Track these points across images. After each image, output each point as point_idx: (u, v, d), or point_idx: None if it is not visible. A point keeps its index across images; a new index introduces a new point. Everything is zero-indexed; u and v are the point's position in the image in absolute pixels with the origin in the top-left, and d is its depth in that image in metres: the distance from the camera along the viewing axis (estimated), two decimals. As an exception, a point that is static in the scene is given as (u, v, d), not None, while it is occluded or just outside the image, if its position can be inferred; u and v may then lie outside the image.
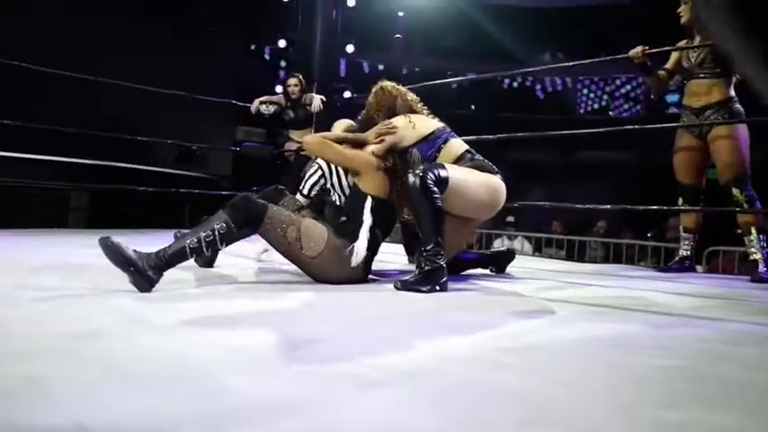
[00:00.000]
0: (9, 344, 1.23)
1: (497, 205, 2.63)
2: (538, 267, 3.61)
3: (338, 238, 2.34)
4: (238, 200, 2.22)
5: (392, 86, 2.79)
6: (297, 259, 2.34)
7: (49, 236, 3.96)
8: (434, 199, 2.28)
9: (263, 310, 1.78)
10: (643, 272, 3.75)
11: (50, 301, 1.68)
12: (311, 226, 2.33)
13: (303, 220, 2.35)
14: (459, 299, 2.16)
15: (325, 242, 2.30)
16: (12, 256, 2.82)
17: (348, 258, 2.32)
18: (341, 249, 2.32)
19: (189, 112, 7.74)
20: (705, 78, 3.41)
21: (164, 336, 1.36)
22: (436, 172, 2.33)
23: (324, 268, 2.33)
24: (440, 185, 2.31)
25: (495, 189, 2.56)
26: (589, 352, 1.40)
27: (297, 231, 2.28)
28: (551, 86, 14.18)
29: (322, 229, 2.34)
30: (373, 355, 1.26)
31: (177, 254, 2.03)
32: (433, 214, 2.29)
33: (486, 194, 2.53)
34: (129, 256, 1.91)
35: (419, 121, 2.65)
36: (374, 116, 2.72)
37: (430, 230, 2.29)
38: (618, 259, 6.07)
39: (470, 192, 2.45)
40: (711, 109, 3.40)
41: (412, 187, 2.29)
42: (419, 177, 2.28)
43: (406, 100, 2.74)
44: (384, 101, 2.73)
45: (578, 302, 2.14)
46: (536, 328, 1.65)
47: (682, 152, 3.56)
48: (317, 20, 7.99)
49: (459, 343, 1.42)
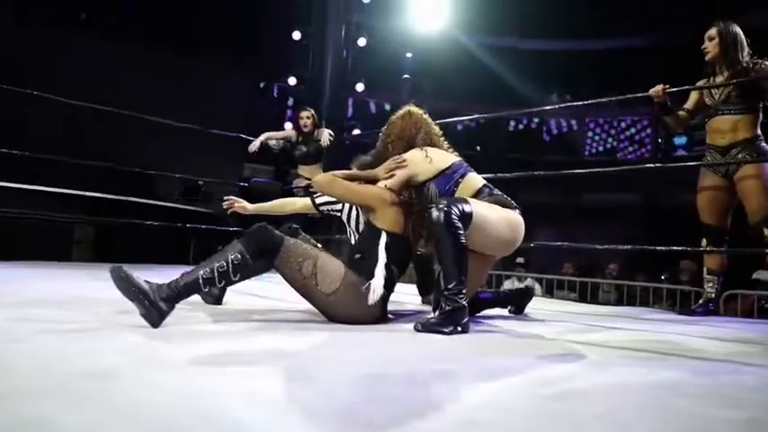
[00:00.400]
0: (12, 381, 1.13)
1: (517, 242, 2.52)
2: (554, 309, 3.49)
3: (354, 273, 2.23)
4: (254, 230, 2.13)
5: (420, 114, 2.69)
6: (311, 295, 2.22)
7: (52, 268, 3.87)
8: (459, 235, 2.18)
9: (278, 349, 1.68)
10: (666, 315, 3.63)
11: (56, 336, 1.59)
12: (328, 261, 2.23)
13: (320, 254, 2.24)
14: (486, 341, 2.05)
15: (342, 279, 2.20)
16: (15, 287, 2.72)
17: (365, 296, 2.21)
18: (357, 287, 2.21)
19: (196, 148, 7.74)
20: (730, 115, 3.32)
21: (178, 376, 1.26)
22: (460, 207, 2.23)
23: (339, 306, 2.21)
24: (464, 221, 2.21)
25: (517, 225, 2.47)
26: (641, 400, 1.29)
27: (313, 266, 2.17)
28: (557, 128, 14.24)
29: (339, 265, 2.24)
30: (411, 406, 1.15)
31: (190, 285, 1.95)
32: (457, 251, 2.19)
33: (508, 230, 2.43)
34: (142, 286, 1.82)
35: (436, 155, 2.55)
36: (389, 147, 2.62)
37: (453, 268, 2.18)
38: (631, 302, 5.93)
39: (493, 227, 2.36)
40: (737, 147, 3.30)
41: (435, 222, 2.18)
42: (443, 212, 2.17)
43: (429, 132, 2.64)
44: (407, 128, 2.63)
45: (609, 346, 2.02)
46: (575, 374, 1.54)
47: (706, 192, 3.44)
48: (328, 58, 8.07)
49: (502, 391, 1.31)
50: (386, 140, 2.66)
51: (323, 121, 6.15)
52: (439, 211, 2.19)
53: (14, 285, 2.82)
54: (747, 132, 3.29)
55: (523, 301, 3.01)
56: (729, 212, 3.46)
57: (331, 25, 8.24)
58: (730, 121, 3.33)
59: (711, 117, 3.43)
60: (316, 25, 8.26)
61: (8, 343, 1.47)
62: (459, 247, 2.19)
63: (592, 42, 12.91)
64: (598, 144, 13.88)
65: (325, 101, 7.97)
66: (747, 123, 3.30)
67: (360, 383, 1.31)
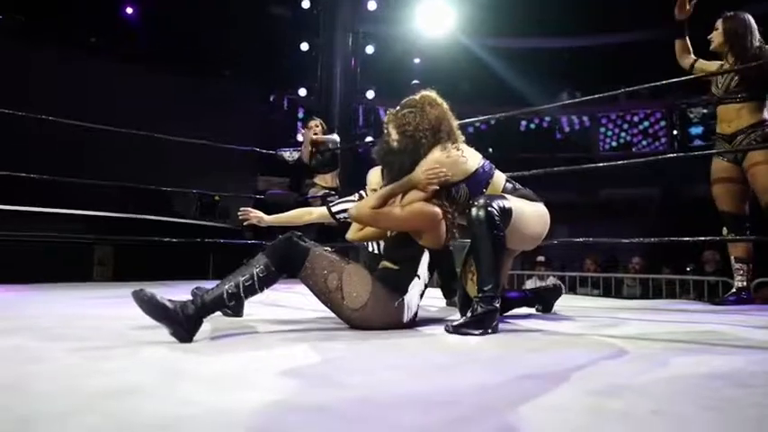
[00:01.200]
0: (35, 404, 1.09)
1: (544, 234, 2.45)
2: (582, 305, 3.40)
3: (384, 287, 2.11)
4: (280, 241, 2.05)
5: (443, 104, 2.38)
6: (337, 309, 2.12)
7: (74, 290, 3.85)
8: (499, 236, 2.11)
9: (308, 358, 1.62)
10: (698, 305, 3.53)
11: (80, 356, 1.54)
12: (354, 274, 2.10)
13: (346, 266, 2.11)
14: (522, 340, 1.99)
15: (369, 293, 2.08)
16: (37, 310, 2.69)
17: (397, 311, 2.13)
18: (387, 301, 2.11)
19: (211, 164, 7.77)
20: (733, 103, 3.30)
21: (210, 390, 1.21)
22: (500, 204, 2.14)
23: (366, 320, 2.11)
24: (504, 218, 2.14)
25: (546, 217, 2.41)
26: (698, 392, 1.22)
27: (338, 279, 2.06)
28: (569, 126, 14.12)
29: (366, 279, 2.11)
30: (459, 408, 1.10)
31: (215, 300, 1.89)
32: (496, 253, 2.12)
33: (540, 224, 2.37)
34: (166, 306, 1.77)
35: (468, 153, 2.34)
36: (421, 139, 2.28)
37: (490, 270, 2.11)
38: (657, 295, 5.82)
39: (528, 224, 2.29)
40: (742, 134, 3.27)
41: (476, 221, 2.10)
42: (484, 210, 2.09)
43: (451, 124, 2.37)
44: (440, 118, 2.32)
45: (649, 338, 1.95)
46: (622, 368, 1.47)
47: (719, 181, 3.40)
48: (337, 68, 8.06)
49: (550, 388, 1.25)
50: (415, 130, 2.30)
51: (334, 130, 6.13)
52: (479, 209, 2.11)
53: (37, 307, 2.79)
54: (752, 118, 3.25)
55: (552, 298, 2.93)
56: (746, 199, 3.38)
57: (339, 35, 8.24)
58: (734, 109, 3.31)
59: (717, 106, 3.42)
60: (323, 36, 8.26)
61: (32, 364, 1.43)
62: (498, 248, 2.13)
63: (598, 38, 12.80)
64: (612, 139, 13.74)
65: (335, 110, 7.95)
66: (752, 110, 3.26)
67: (396, 388, 1.25)
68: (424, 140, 2.28)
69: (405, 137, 2.30)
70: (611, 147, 13.69)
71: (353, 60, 8.31)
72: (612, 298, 5.20)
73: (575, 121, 14.04)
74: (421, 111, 2.32)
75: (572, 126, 14.12)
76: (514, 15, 11.67)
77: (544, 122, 14.15)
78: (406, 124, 2.30)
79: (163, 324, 1.77)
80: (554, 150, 13.23)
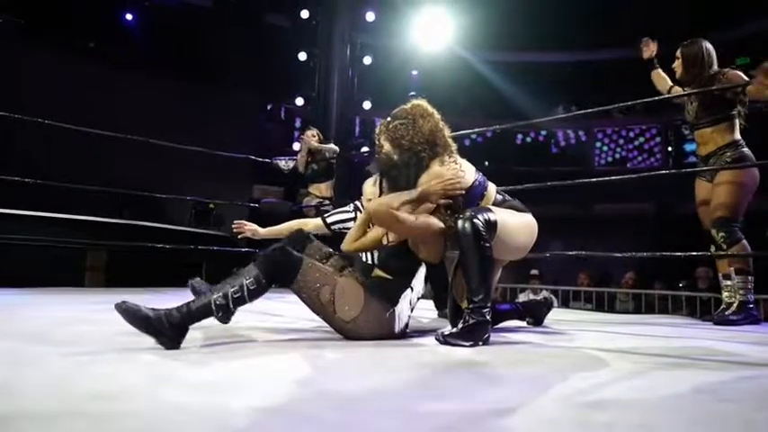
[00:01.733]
0: (21, 404, 1.08)
1: (531, 245, 2.45)
2: (574, 319, 3.41)
3: (376, 298, 2.11)
4: (272, 252, 2.02)
5: (432, 111, 2.35)
6: (329, 320, 2.11)
7: (65, 294, 3.84)
8: (486, 247, 2.11)
9: (296, 367, 1.62)
10: (691, 321, 3.54)
11: (68, 360, 1.54)
12: (346, 287, 2.09)
13: (338, 279, 2.11)
14: (512, 352, 1.99)
15: (362, 306, 2.07)
16: (28, 313, 2.69)
17: (388, 322, 2.12)
18: (379, 312, 2.11)
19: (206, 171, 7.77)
20: (704, 128, 3.39)
21: (198, 395, 1.21)
22: (485, 216, 2.15)
23: (358, 331, 2.10)
24: (489, 230, 2.14)
25: (533, 229, 2.41)
26: (684, 406, 1.22)
27: (331, 293, 2.05)
28: (564, 140, 14.19)
29: (358, 291, 2.10)
30: (447, 419, 1.10)
31: (201, 310, 1.85)
32: (484, 264, 2.12)
33: (527, 235, 2.38)
34: (148, 315, 1.76)
35: (465, 167, 2.33)
36: (420, 153, 2.26)
37: (480, 281, 2.11)
38: (650, 311, 5.83)
39: (514, 234, 2.29)
40: (714, 156, 3.36)
41: (462, 234, 2.10)
42: (470, 222, 2.09)
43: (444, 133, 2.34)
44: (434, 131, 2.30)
45: (640, 353, 1.95)
46: (611, 382, 1.47)
47: (701, 201, 3.49)
48: (334, 78, 8.09)
49: (538, 401, 1.25)
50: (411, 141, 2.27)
51: (330, 140, 6.15)
52: (465, 221, 2.11)
53: (27, 311, 2.78)
54: (722, 140, 3.33)
55: (543, 311, 2.94)
56: None
57: (336, 45, 8.28)
58: (705, 134, 3.40)
59: (693, 130, 3.51)
60: (321, 46, 8.30)
61: (20, 367, 1.42)
62: (486, 259, 2.12)
63: (595, 53, 12.90)
64: (607, 154, 13.81)
65: (332, 120, 7.98)
66: (721, 133, 3.34)
67: (385, 399, 1.25)
68: (424, 154, 2.26)
69: (402, 150, 2.28)
70: (606, 162, 13.76)
71: (351, 71, 8.34)
72: (605, 312, 5.21)
73: (570, 135, 14.11)
74: (413, 123, 2.29)
75: (568, 140, 14.18)
76: (512, 29, 11.76)
77: (540, 136, 14.21)
78: (400, 137, 2.28)
79: (147, 334, 1.76)
80: (549, 164, 13.28)
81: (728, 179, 3.25)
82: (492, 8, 10.88)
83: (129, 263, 5.25)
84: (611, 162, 13.67)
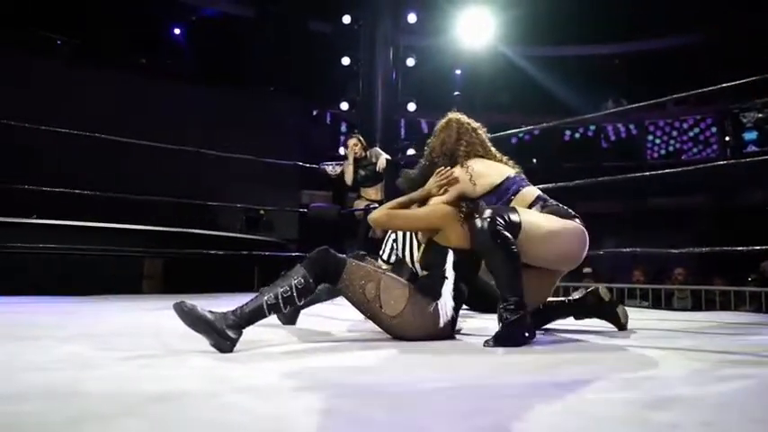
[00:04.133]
0: (86, 406, 1.13)
1: (579, 254, 2.29)
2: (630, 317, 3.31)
3: (420, 294, 2.15)
4: (316, 253, 2.09)
5: (457, 123, 2.50)
6: (376, 317, 2.15)
7: (125, 301, 3.98)
8: (508, 244, 2.03)
9: (350, 368, 1.64)
10: (752, 317, 3.39)
11: (130, 363, 1.59)
12: (391, 282, 2.14)
13: (383, 276, 2.16)
14: (566, 351, 1.95)
15: (407, 300, 2.11)
16: (89, 320, 2.80)
17: (433, 316, 2.13)
18: (424, 307, 2.13)
19: (254, 179, 7.93)
20: None
21: (253, 397, 1.23)
22: (506, 216, 2.08)
23: (405, 327, 2.12)
24: (511, 230, 2.06)
25: (576, 236, 2.24)
26: (747, 406, 1.17)
27: (376, 288, 2.10)
28: (615, 135, 13.84)
29: (403, 286, 2.15)
30: (502, 419, 1.09)
31: (255, 312, 1.92)
32: (507, 261, 2.04)
33: (566, 242, 2.22)
34: (206, 317, 1.81)
35: (482, 170, 2.37)
36: (435, 161, 2.46)
37: (507, 279, 2.04)
38: (710, 307, 5.61)
39: (548, 238, 2.16)
40: None
41: (479, 233, 2.05)
42: (487, 222, 2.04)
43: (472, 143, 2.45)
44: (447, 140, 2.46)
45: (703, 350, 1.89)
46: (671, 381, 1.43)
47: None
48: (378, 81, 8.12)
49: (594, 399, 1.23)
50: (430, 154, 2.51)
51: (377, 143, 6.17)
52: (482, 221, 2.05)
53: (89, 317, 2.90)
54: None
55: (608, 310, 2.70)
56: None
57: (379, 49, 8.30)
58: None
59: None
60: (364, 49, 8.34)
61: (85, 370, 1.48)
62: (510, 256, 2.04)
63: (642, 44, 12.57)
64: (660, 147, 13.40)
65: (377, 123, 8.00)
66: None
67: (438, 400, 1.24)
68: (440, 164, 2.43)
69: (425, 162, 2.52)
70: (659, 155, 13.36)
71: (394, 73, 8.35)
72: (662, 310, 5.05)
73: (621, 129, 13.76)
74: (438, 134, 2.52)
75: (618, 134, 13.83)
76: (554, 24, 11.57)
77: (589, 131, 13.91)
78: (426, 153, 2.54)
79: (203, 335, 1.81)
80: (599, 159, 12.98)
81: None
82: (533, 4, 10.74)
83: (184, 270, 5.41)
84: (664, 155, 13.27)
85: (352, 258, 2.25)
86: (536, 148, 13.21)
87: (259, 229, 8.02)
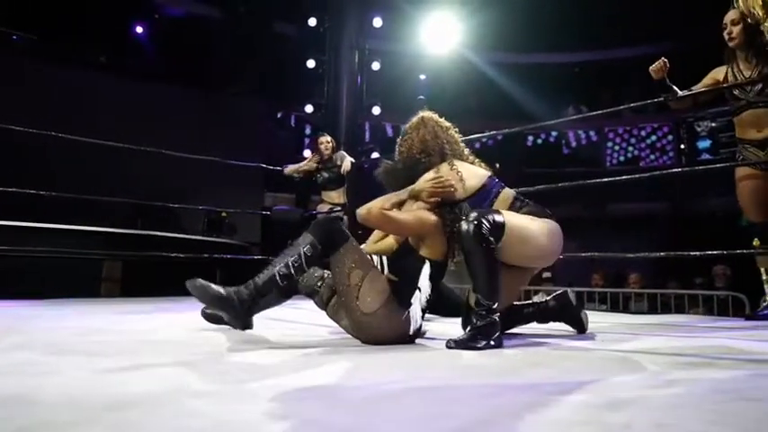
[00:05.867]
0: (39, 414, 1.10)
1: (557, 251, 2.37)
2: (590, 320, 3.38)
3: (396, 301, 2.14)
4: (324, 221, 2.16)
5: (435, 122, 2.51)
6: (348, 306, 2.13)
7: (82, 305, 3.87)
8: (490, 249, 2.09)
9: (311, 373, 1.63)
10: (711, 320, 3.50)
11: (86, 369, 1.55)
12: (375, 280, 2.13)
13: (373, 269, 2.17)
14: (527, 354, 1.98)
15: (383, 302, 2.10)
16: (45, 324, 2.72)
17: (403, 324, 2.14)
18: (396, 314, 2.13)
19: (217, 180, 7.83)
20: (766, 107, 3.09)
21: (214, 403, 1.22)
22: (491, 218, 2.12)
23: (372, 327, 2.12)
24: (496, 232, 2.11)
25: (554, 233, 2.33)
26: (701, 405, 1.21)
27: (361, 278, 2.09)
28: (576, 141, 14.13)
29: (384, 288, 2.14)
30: (461, 424, 1.10)
31: (268, 283, 2.01)
32: (489, 266, 2.09)
33: (547, 241, 2.29)
34: (220, 292, 1.91)
35: (468, 172, 2.39)
36: (420, 159, 2.42)
37: (485, 283, 2.09)
38: (666, 310, 5.78)
39: (530, 239, 2.23)
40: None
41: (465, 236, 2.09)
42: (473, 225, 2.08)
43: (452, 141, 2.48)
44: (429, 140, 2.44)
45: (658, 353, 1.94)
46: (627, 383, 1.46)
47: (747, 188, 3.23)
48: (343, 84, 8.13)
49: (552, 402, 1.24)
50: (410, 150, 2.46)
51: (341, 145, 6.17)
52: (469, 224, 2.09)
53: (44, 322, 2.81)
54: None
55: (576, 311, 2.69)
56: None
57: (345, 52, 8.31)
58: (767, 113, 3.11)
59: (743, 110, 3.20)
60: (329, 53, 8.34)
61: (39, 377, 1.44)
62: (491, 261, 2.10)
63: (603, 52, 12.86)
64: (619, 154, 13.73)
65: (342, 126, 8.00)
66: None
67: (395, 403, 1.25)
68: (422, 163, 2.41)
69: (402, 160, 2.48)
70: (618, 161, 13.68)
71: (359, 77, 8.36)
72: (620, 313, 5.17)
73: (582, 135, 14.05)
74: (411, 134, 2.48)
75: (579, 141, 14.12)
76: (519, 31, 11.76)
77: (551, 137, 14.16)
78: (403, 151, 2.48)
79: (220, 312, 1.89)
80: (561, 165, 13.23)
81: None
82: (498, 10, 10.88)
83: (144, 272, 5.30)
84: (623, 161, 13.60)
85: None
86: (499, 153, 13.38)
87: (221, 231, 7.92)
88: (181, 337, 2.22)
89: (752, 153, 3.22)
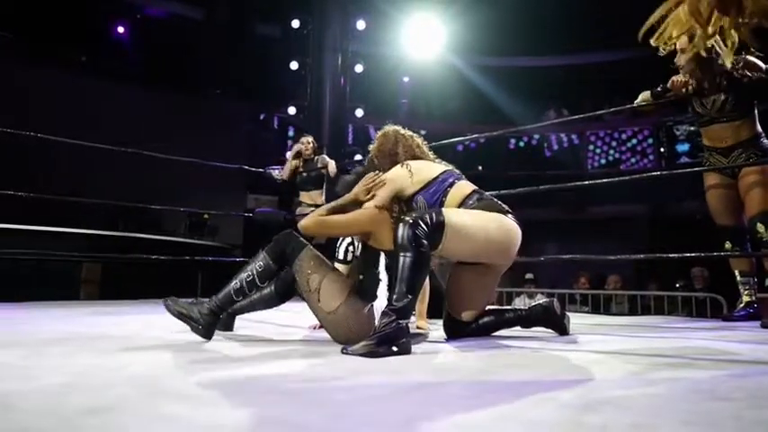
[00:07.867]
0: (18, 420, 1.08)
1: (511, 246, 2.36)
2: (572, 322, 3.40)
3: (356, 296, 2.23)
4: (280, 235, 2.25)
5: (394, 131, 2.66)
6: (314, 309, 2.25)
7: (61, 308, 3.82)
8: (420, 252, 2.06)
9: (286, 375, 1.62)
10: (690, 322, 3.55)
11: (64, 373, 1.53)
12: (333, 280, 2.23)
13: (329, 273, 2.25)
14: (504, 356, 1.99)
15: (343, 300, 2.19)
16: (23, 328, 2.67)
17: (367, 318, 2.22)
18: (358, 309, 2.21)
19: (199, 183, 7.78)
20: (729, 122, 3.26)
21: (191, 407, 1.21)
22: (429, 218, 2.12)
23: (338, 325, 2.20)
24: (435, 233, 2.11)
25: (507, 229, 2.32)
26: (678, 406, 1.23)
27: (319, 282, 2.20)
28: (557, 144, 14.24)
29: (343, 287, 2.23)
30: (433, 424, 1.10)
31: (224, 299, 2.19)
32: (414, 269, 2.05)
33: (497, 235, 2.28)
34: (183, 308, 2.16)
35: (420, 167, 2.48)
36: (374, 162, 2.61)
37: (403, 285, 2.03)
38: (646, 312, 5.84)
39: (475, 233, 2.22)
40: (740, 147, 3.26)
41: (399, 237, 2.08)
42: (409, 226, 2.07)
43: (409, 146, 2.60)
44: (385, 144, 2.62)
45: (636, 354, 1.96)
46: (604, 383, 1.48)
47: (716, 195, 3.38)
48: (326, 87, 8.12)
49: (528, 403, 1.25)
50: (372, 159, 2.66)
51: (324, 148, 6.16)
52: (404, 225, 2.09)
53: (22, 325, 2.77)
54: (749, 132, 3.25)
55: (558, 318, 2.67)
56: (743, 210, 3.34)
57: (328, 54, 8.31)
58: (730, 127, 3.27)
59: (707, 125, 3.37)
60: (312, 55, 8.33)
61: (15, 381, 1.42)
62: (418, 264, 2.06)
63: (584, 56, 12.99)
64: (600, 157, 13.87)
65: (325, 128, 8.00)
66: (747, 125, 3.26)
67: (379, 406, 1.25)
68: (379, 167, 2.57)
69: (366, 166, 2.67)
70: (599, 164, 13.82)
71: (343, 79, 8.37)
72: (601, 314, 5.22)
73: (563, 138, 14.17)
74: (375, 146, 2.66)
75: (560, 144, 14.24)
76: (501, 34, 11.84)
77: (533, 140, 14.26)
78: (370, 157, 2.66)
79: (187, 324, 2.12)
80: (543, 168, 13.32)
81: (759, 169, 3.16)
82: (481, 14, 10.96)
83: (124, 275, 5.24)
84: (604, 164, 13.73)
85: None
86: (482, 155, 13.46)
87: (203, 233, 7.86)
88: (159, 340, 2.20)
89: (717, 160, 3.36)
